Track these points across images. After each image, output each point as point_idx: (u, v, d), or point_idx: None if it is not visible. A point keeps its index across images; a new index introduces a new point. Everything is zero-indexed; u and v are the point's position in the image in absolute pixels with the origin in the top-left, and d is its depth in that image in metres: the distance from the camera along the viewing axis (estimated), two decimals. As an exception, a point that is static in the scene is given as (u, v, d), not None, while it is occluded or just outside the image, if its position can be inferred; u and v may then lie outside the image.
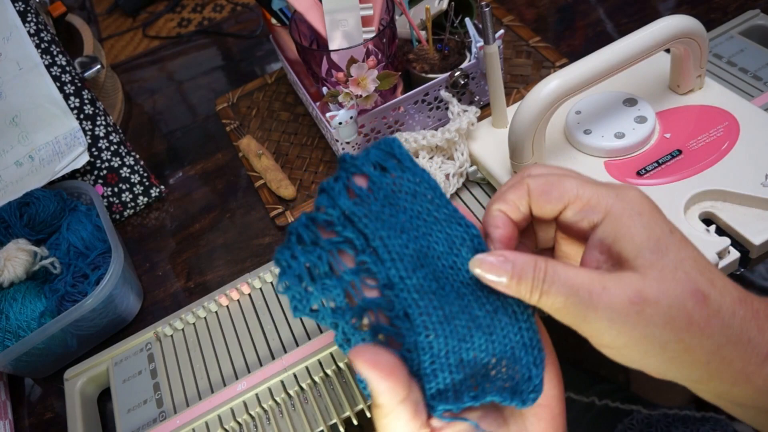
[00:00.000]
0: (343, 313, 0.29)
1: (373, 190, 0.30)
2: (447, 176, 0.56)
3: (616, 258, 0.27)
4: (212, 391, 0.50)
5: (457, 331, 0.28)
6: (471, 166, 0.57)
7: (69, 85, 0.68)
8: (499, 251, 0.28)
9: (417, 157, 0.58)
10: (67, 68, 0.68)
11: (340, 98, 0.58)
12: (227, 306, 0.56)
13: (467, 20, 0.64)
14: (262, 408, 0.48)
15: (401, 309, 0.29)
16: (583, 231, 0.29)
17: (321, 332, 0.51)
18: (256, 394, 0.48)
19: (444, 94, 0.61)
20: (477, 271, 0.28)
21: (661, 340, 0.26)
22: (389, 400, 0.26)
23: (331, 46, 0.60)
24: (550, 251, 0.33)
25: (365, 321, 0.29)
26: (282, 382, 0.48)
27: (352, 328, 0.30)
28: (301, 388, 0.48)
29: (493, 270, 0.28)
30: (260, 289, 0.56)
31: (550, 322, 0.49)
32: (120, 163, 0.70)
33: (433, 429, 0.28)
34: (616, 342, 0.26)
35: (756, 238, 0.45)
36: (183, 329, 0.55)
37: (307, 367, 0.49)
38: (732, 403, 0.29)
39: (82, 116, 0.68)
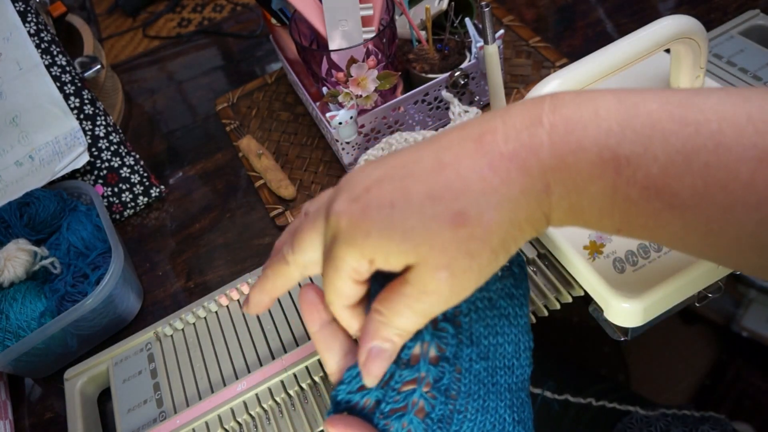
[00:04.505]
0: (402, 368, 0.31)
1: None
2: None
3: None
4: (212, 391, 0.50)
5: (484, 424, 0.31)
6: (471, 166, 0.57)
7: (69, 85, 0.68)
8: (361, 349, 0.30)
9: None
10: (67, 68, 0.68)
11: (340, 98, 0.58)
12: (227, 306, 0.56)
13: (467, 20, 0.64)
14: (262, 408, 0.48)
15: (446, 384, 0.31)
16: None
17: (321, 332, 0.51)
18: (256, 394, 0.48)
19: (445, 94, 0.61)
20: (369, 382, 0.30)
21: (481, 265, 0.27)
22: None
23: (331, 46, 0.60)
24: None
25: (412, 380, 0.31)
26: (282, 382, 0.48)
27: (396, 384, 0.31)
28: (301, 388, 0.48)
29: (379, 361, 0.30)
30: (260, 289, 0.56)
31: (550, 322, 0.49)
32: (120, 163, 0.70)
33: None
34: (462, 293, 0.28)
35: (756, 238, 0.45)
36: (183, 329, 0.55)
37: (307, 367, 0.49)
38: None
39: (82, 116, 0.68)
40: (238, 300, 0.56)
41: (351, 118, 0.59)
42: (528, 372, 0.34)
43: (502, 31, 0.62)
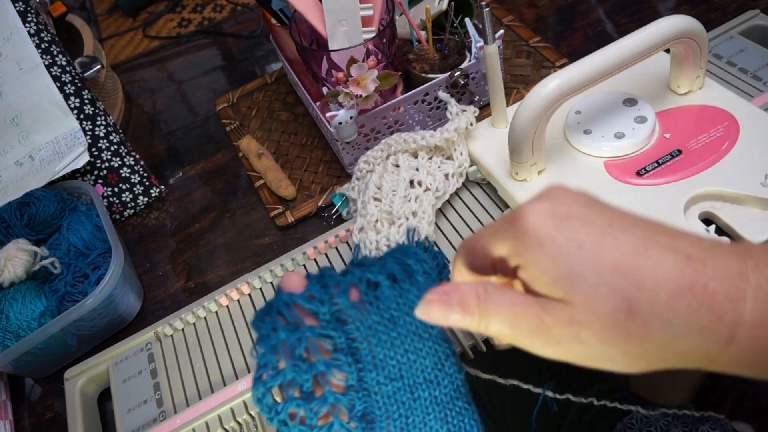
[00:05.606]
0: (308, 400, 0.30)
1: (379, 297, 0.32)
2: (446, 176, 0.56)
3: (542, 295, 0.27)
4: (212, 391, 0.50)
5: None
6: (471, 166, 0.57)
7: (69, 85, 0.68)
8: (438, 288, 0.29)
9: (416, 157, 0.58)
10: (67, 68, 0.68)
11: (340, 98, 0.58)
12: (227, 306, 0.56)
13: (467, 20, 0.64)
14: (262, 408, 0.48)
15: (361, 410, 0.31)
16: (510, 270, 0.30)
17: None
18: (256, 394, 0.48)
19: (442, 94, 0.61)
20: (422, 314, 0.29)
21: (607, 355, 0.26)
22: None
23: (331, 46, 0.60)
24: None
25: (325, 412, 0.31)
26: (282, 382, 0.48)
27: (311, 419, 0.31)
28: (301, 388, 0.48)
29: (441, 306, 0.28)
30: (260, 289, 0.56)
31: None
32: (120, 163, 0.70)
33: None
34: (566, 359, 0.27)
35: (756, 238, 0.45)
36: (183, 329, 0.55)
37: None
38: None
39: (82, 116, 0.68)
40: (238, 300, 0.56)
41: (351, 118, 0.59)
42: (459, 378, 0.33)
43: (502, 31, 0.62)
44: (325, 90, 0.61)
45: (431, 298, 0.29)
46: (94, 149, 0.69)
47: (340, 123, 0.59)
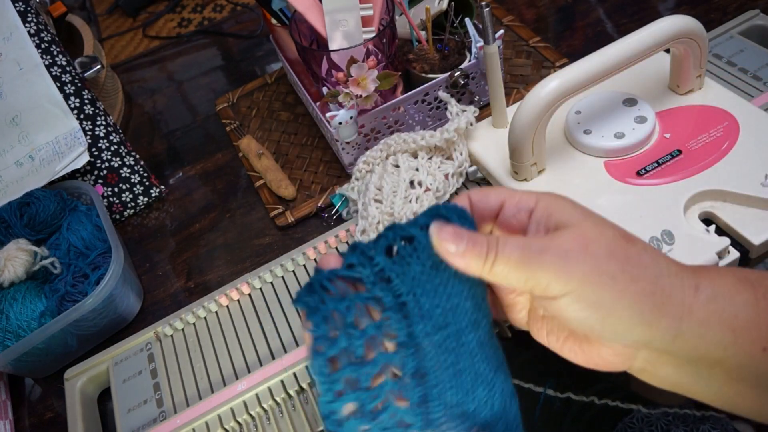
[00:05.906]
0: (361, 365, 0.31)
1: (417, 248, 0.32)
2: (446, 176, 0.56)
3: (554, 229, 0.31)
4: (212, 391, 0.50)
5: (464, 385, 0.31)
6: (471, 166, 0.57)
7: (69, 85, 0.68)
8: (453, 228, 0.31)
9: (416, 157, 0.58)
10: (68, 68, 0.68)
11: (340, 98, 0.58)
12: (227, 306, 0.56)
13: (467, 20, 0.64)
14: (262, 408, 0.48)
15: (413, 366, 0.31)
16: (522, 224, 0.33)
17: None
18: (256, 394, 0.48)
19: (442, 94, 0.61)
20: (435, 240, 0.31)
21: (610, 271, 0.29)
22: None
23: (331, 46, 0.60)
24: None
25: (377, 374, 0.31)
26: (282, 382, 0.48)
27: (365, 382, 0.31)
28: (301, 388, 0.48)
29: (449, 239, 0.30)
30: (260, 289, 0.56)
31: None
32: (120, 163, 0.70)
33: None
34: (569, 285, 0.29)
35: (756, 238, 0.45)
36: (183, 329, 0.55)
37: (307, 367, 0.49)
38: (688, 360, 0.30)
39: (82, 116, 0.68)
40: (238, 300, 0.56)
41: (351, 118, 0.59)
42: (491, 317, 0.34)
43: (502, 31, 0.62)
44: (325, 90, 0.61)
45: (444, 229, 0.31)
46: (94, 149, 0.69)
47: (340, 123, 0.59)
